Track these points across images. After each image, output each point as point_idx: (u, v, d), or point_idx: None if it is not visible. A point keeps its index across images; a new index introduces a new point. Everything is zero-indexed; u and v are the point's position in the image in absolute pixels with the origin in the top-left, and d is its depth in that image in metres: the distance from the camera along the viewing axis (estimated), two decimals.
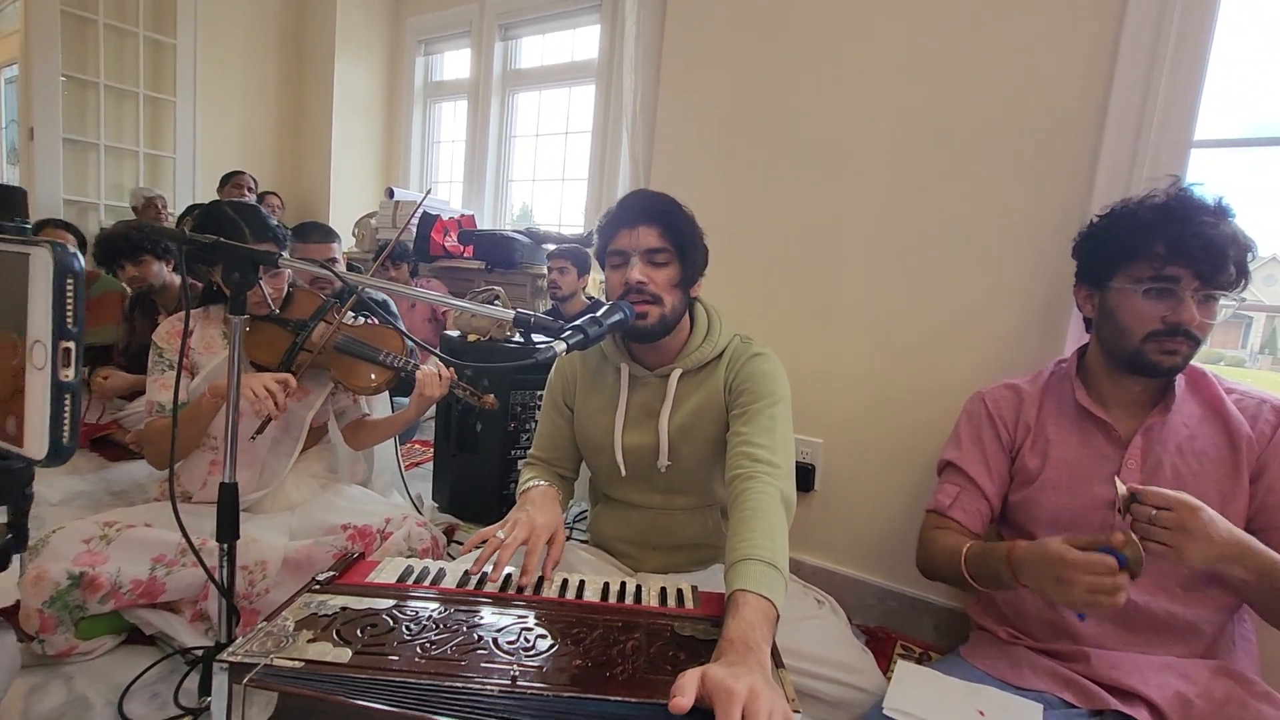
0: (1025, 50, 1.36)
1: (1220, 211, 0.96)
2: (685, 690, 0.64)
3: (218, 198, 3.66)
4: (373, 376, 1.46)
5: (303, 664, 0.70)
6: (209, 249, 0.87)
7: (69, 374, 0.31)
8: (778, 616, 0.81)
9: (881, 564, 1.59)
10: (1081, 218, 1.17)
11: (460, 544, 1.81)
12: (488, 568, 0.94)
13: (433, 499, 2.09)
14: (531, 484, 1.17)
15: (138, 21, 3.61)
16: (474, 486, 1.99)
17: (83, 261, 0.31)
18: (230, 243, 0.89)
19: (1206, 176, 1.31)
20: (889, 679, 0.99)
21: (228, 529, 0.95)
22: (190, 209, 3.05)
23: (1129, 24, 1.25)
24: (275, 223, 1.41)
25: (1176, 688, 0.90)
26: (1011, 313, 1.42)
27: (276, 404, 1.25)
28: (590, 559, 1.23)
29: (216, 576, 0.96)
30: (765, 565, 0.85)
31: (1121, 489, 0.87)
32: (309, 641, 0.75)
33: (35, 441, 0.31)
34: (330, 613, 0.82)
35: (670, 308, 1.10)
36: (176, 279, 2.44)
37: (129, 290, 2.44)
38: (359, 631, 0.78)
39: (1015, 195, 1.39)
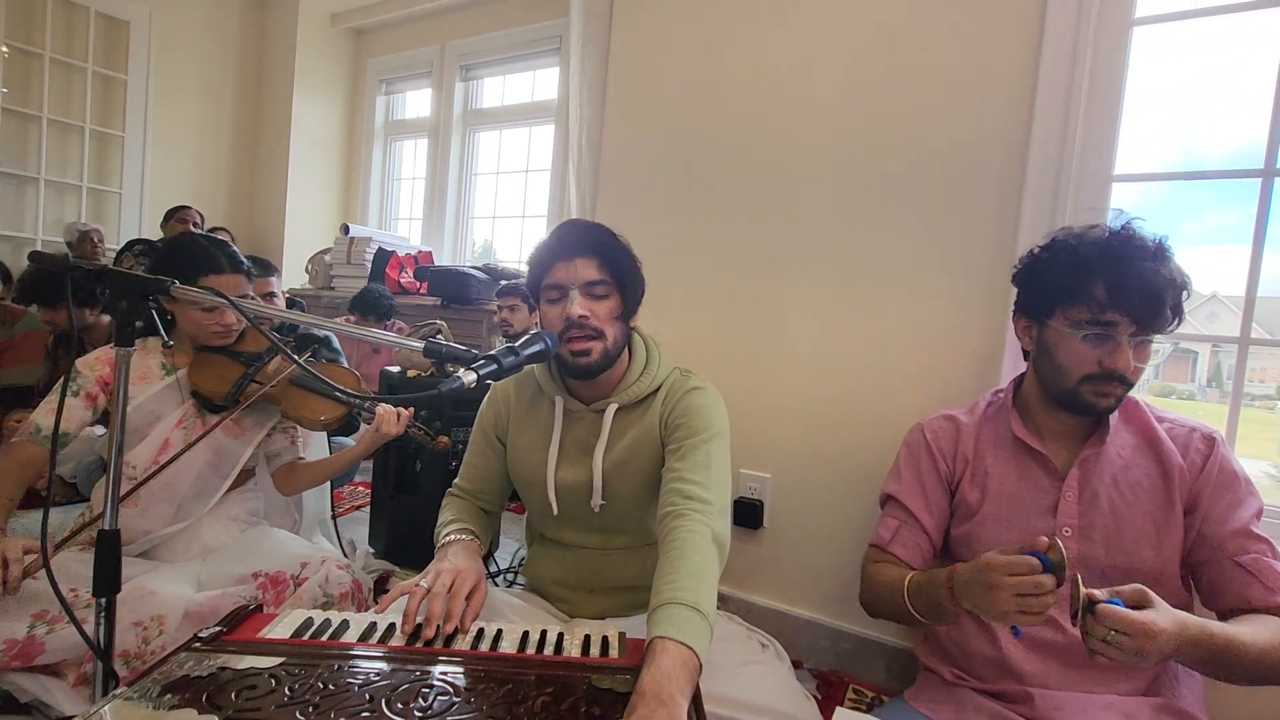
0: (951, 86, 1.40)
1: (1160, 254, 0.95)
2: None
3: (161, 233, 3.56)
4: (325, 413, 1.40)
5: None
6: (91, 276, 0.81)
7: None
8: (700, 666, 0.76)
9: (833, 603, 1.54)
10: (1010, 250, 1.18)
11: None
12: (403, 616, 0.87)
13: (369, 544, 1.98)
14: (451, 536, 1.10)
15: (86, 57, 3.55)
16: (412, 529, 1.89)
17: None
18: (118, 270, 0.83)
19: (1139, 209, 1.34)
20: None
21: (105, 582, 0.86)
22: (131, 243, 2.94)
23: (1045, 63, 1.29)
24: (243, 259, 1.37)
25: None
26: (949, 343, 1.42)
27: (4, 581, 1.05)
28: (519, 604, 1.16)
29: (90, 635, 0.87)
30: (688, 610, 0.80)
31: (1082, 594, 0.79)
32: (171, 708, 0.67)
33: None
34: (205, 674, 0.74)
35: (612, 341, 1.07)
36: (104, 319, 2.33)
37: (51, 329, 2.32)
38: (233, 695, 0.70)
39: (947, 228, 1.41)
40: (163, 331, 1.10)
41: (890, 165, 1.47)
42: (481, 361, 0.85)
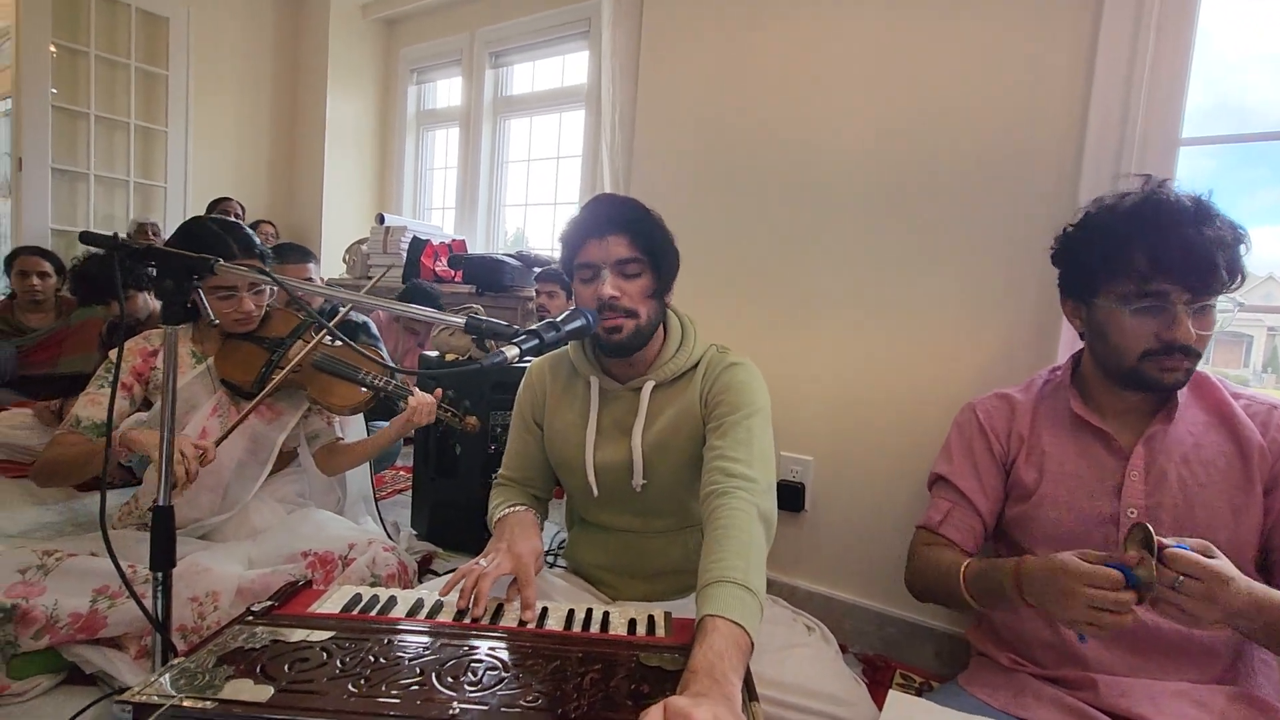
0: (1001, 51, 1.33)
1: (1201, 213, 0.88)
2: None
3: None
4: (352, 398, 1.41)
5: (214, 704, 0.63)
6: (137, 256, 0.82)
7: None
8: (751, 645, 0.74)
9: (879, 587, 1.51)
10: (1068, 215, 1.12)
11: (436, 573, 1.73)
12: (452, 596, 0.88)
13: (411, 526, 2.01)
14: (507, 510, 1.10)
15: (129, 53, 3.64)
16: (453, 512, 1.91)
17: None
18: (163, 249, 0.84)
19: (1200, 176, 1.26)
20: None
21: (161, 556, 0.88)
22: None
23: (1107, 20, 1.21)
24: (259, 241, 1.38)
25: (1191, 716, 0.82)
26: (1001, 320, 1.36)
27: (188, 471, 1.12)
28: (565, 586, 1.16)
29: (149, 608, 0.89)
30: (738, 588, 0.78)
31: (1154, 542, 0.75)
32: (228, 679, 0.68)
33: None
34: (258, 646, 0.75)
35: (646, 319, 1.05)
36: (155, 304, 2.40)
37: (108, 318, 2.40)
38: (286, 667, 0.71)
39: (997, 200, 1.35)
40: (209, 311, 1.11)
41: (934, 137, 1.41)
42: (523, 336, 0.84)
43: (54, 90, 3.44)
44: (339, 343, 1.51)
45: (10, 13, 3.41)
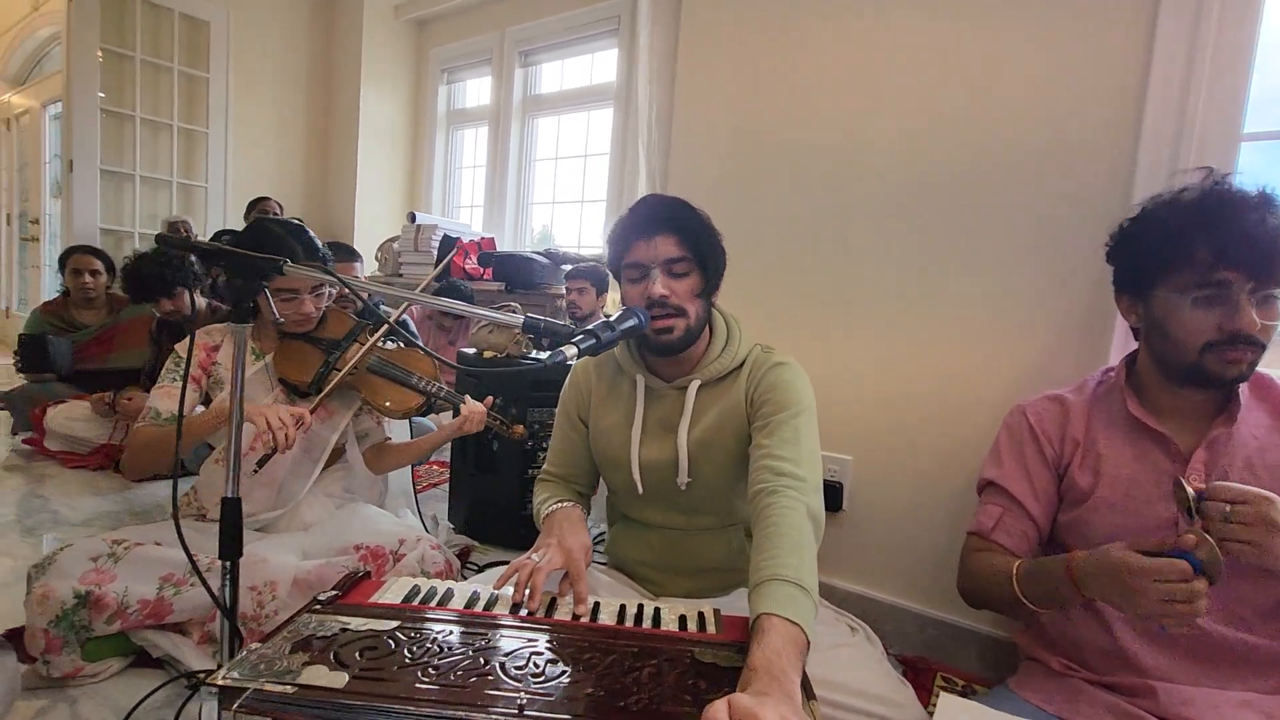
0: (1050, 44, 1.31)
1: (1266, 203, 0.87)
2: (720, 714, 0.58)
3: (245, 224, 3.75)
4: (405, 402, 1.45)
5: (295, 689, 0.66)
6: (210, 256, 0.85)
7: None
8: (807, 643, 0.75)
9: (919, 589, 1.50)
10: (1123, 213, 1.10)
11: (475, 565, 1.76)
12: (507, 589, 0.89)
13: (449, 519, 2.05)
14: (555, 505, 1.12)
15: (173, 57, 3.75)
16: (491, 507, 1.94)
17: None
18: (233, 249, 0.87)
19: (1261, 172, 1.23)
20: (930, 713, 0.91)
21: (230, 545, 0.91)
22: (219, 234, 3.11)
23: (1165, 7, 1.18)
24: (321, 245, 1.41)
25: None
26: (1050, 319, 1.34)
27: (287, 437, 1.20)
28: (609, 581, 1.17)
29: (218, 595, 0.93)
30: (792, 586, 0.78)
31: (1189, 490, 0.79)
32: (304, 665, 0.70)
33: None
34: (329, 634, 0.77)
35: (694, 319, 1.06)
36: (203, 302, 2.47)
37: (157, 314, 2.48)
38: (358, 654, 0.73)
39: (1046, 197, 1.32)
40: (274, 310, 1.15)
41: (980, 129, 1.39)
42: (580, 336, 0.86)
43: (101, 94, 3.56)
44: (393, 346, 1.55)
45: (61, 19, 3.53)
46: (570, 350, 0.82)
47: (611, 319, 0.94)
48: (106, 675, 1.17)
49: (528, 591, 0.91)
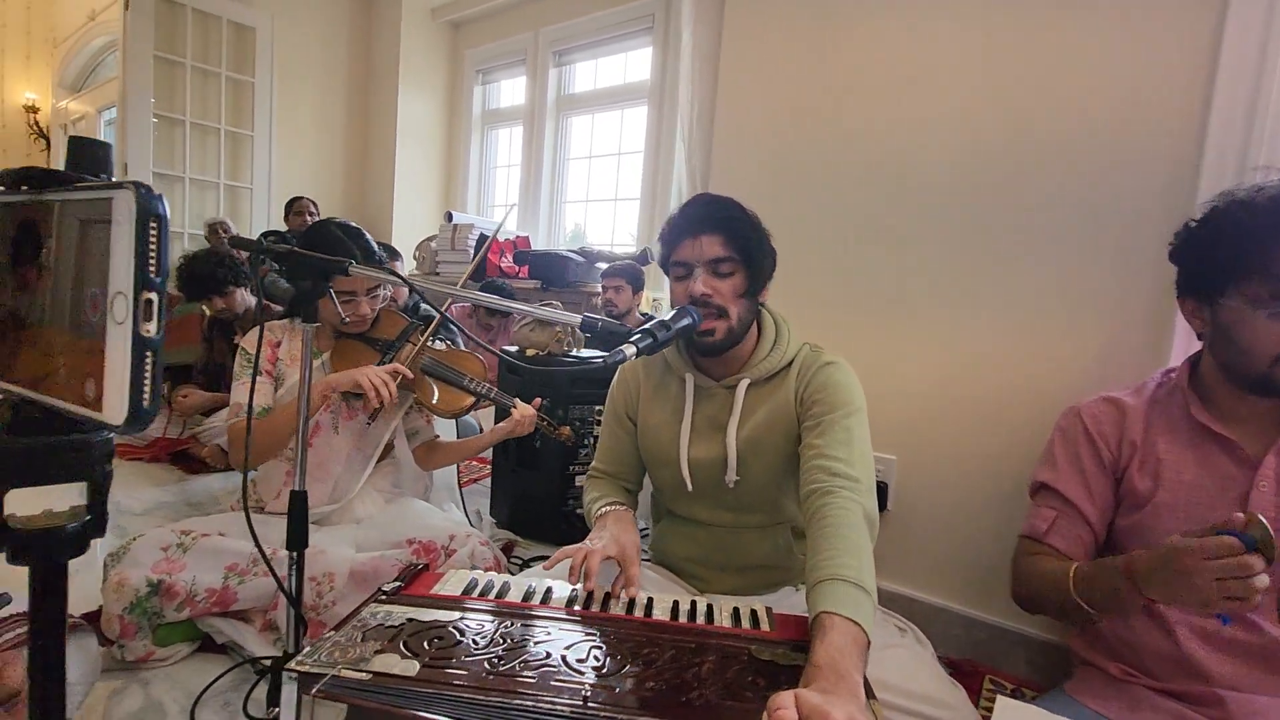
0: (1113, 31, 1.27)
1: None
2: (787, 703, 0.58)
3: (285, 223, 3.86)
4: (456, 403, 1.48)
5: (370, 676, 0.68)
6: (281, 257, 0.89)
7: (150, 329, 0.29)
8: (868, 643, 0.75)
9: (966, 591, 1.48)
10: (1187, 209, 1.07)
11: (519, 560, 1.79)
12: (562, 584, 0.91)
13: (491, 514, 2.09)
14: (607, 507, 1.14)
15: (220, 63, 3.87)
16: (533, 502, 1.97)
17: (167, 206, 0.30)
18: (300, 251, 0.90)
19: None
20: (982, 716, 0.90)
21: (298, 537, 0.95)
22: (265, 234, 3.20)
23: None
24: (377, 248, 1.46)
25: None
26: (1107, 319, 1.31)
27: (390, 393, 1.29)
28: (656, 578, 1.18)
29: (285, 585, 0.96)
30: (852, 586, 0.79)
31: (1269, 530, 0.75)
32: (376, 653, 0.73)
33: (114, 405, 0.29)
34: (397, 624, 0.80)
35: (737, 319, 1.06)
36: (252, 301, 2.55)
37: (209, 312, 2.57)
38: (425, 644, 0.76)
39: (1107, 188, 1.29)
40: (338, 306, 1.19)
41: (1036, 120, 1.35)
42: (638, 335, 0.87)
43: (153, 99, 3.69)
44: (443, 346, 1.59)
45: (116, 28, 3.66)
46: (629, 350, 0.84)
47: (667, 319, 0.95)
48: (176, 660, 1.23)
49: (583, 574, 0.92)
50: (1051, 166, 1.35)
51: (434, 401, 1.48)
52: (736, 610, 0.92)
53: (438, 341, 1.60)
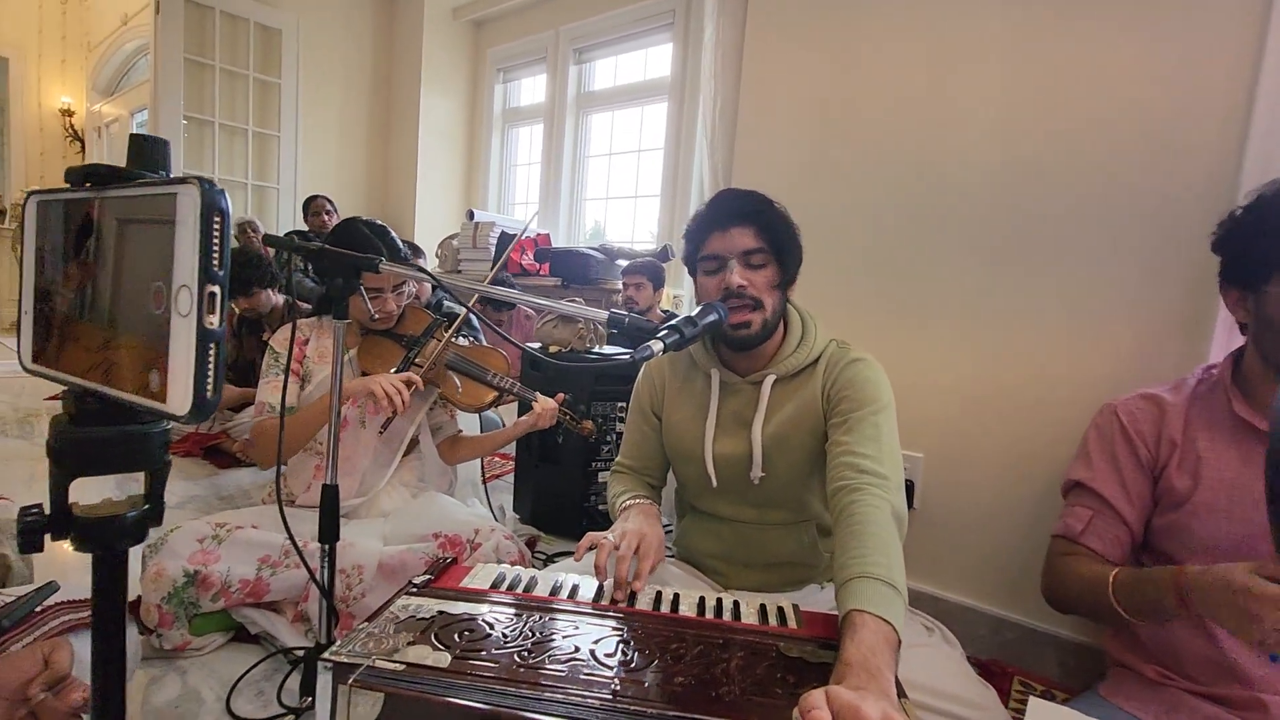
0: (1150, 23, 1.24)
1: None
2: (820, 703, 0.58)
3: (305, 223, 3.92)
4: (480, 397, 1.50)
5: (404, 666, 0.69)
6: (313, 255, 0.90)
7: (214, 321, 0.30)
8: (899, 642, 0.74)
9: (994, 590, 1.46)
10: (1228, 202, 1.04)
11: (542, 555, 1.81)
12: (588, 580, 0.92)
13: (514, 510, 2.10)
14: (631, 500, 1.14)
15: (248, 65, 3.93)
16: (555, 498, 1.98)
17: (229, 201, 0.30)
18: (333, 249, 0.92)
19: None
20: (1013, 717, 0.89)
21: (329, 530, 0.96)
22: (289, 234, 3.26)
23: None
24: (402, 245, 1.49)
25: None
26: (1144, 314, 1.28)
27: (403, 401, 1.29)
28: (680, 573, 1.19)
29: (318, 577, 0.98)
30: (883, 584, 0.78)
31: None
32: (408, 644, 0.74)
33: (178, 396, 0.30)
34: (428, 616, 0.81)
35: (771, 311, 1.06)
36: (279, 299, 2.60)
37: (237, 310, 2.62)
38: (456, 636, 0.77)
39: (1145, 177, 1.26)
40: (367, 304, 1.21)
41: (1073, 108, 1.32)
42: (664, 331, 0.87)
43: (182, 101, 3.77)
44: (467, 342, 1.61)
45: (148, 32, 3.75)
46: (656, 345, 0.84)
47: (694, 314, 0.95)
48: (211, 649, 1.26)
49: (601, 567, 0.93)
50: (1086, 162, 1.32)
51: (458, 395, 1.50)
52: (763, 607, 0.92)
53: (461, 338, 1.62)
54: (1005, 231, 1.42)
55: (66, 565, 1.53)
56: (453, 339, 1.52)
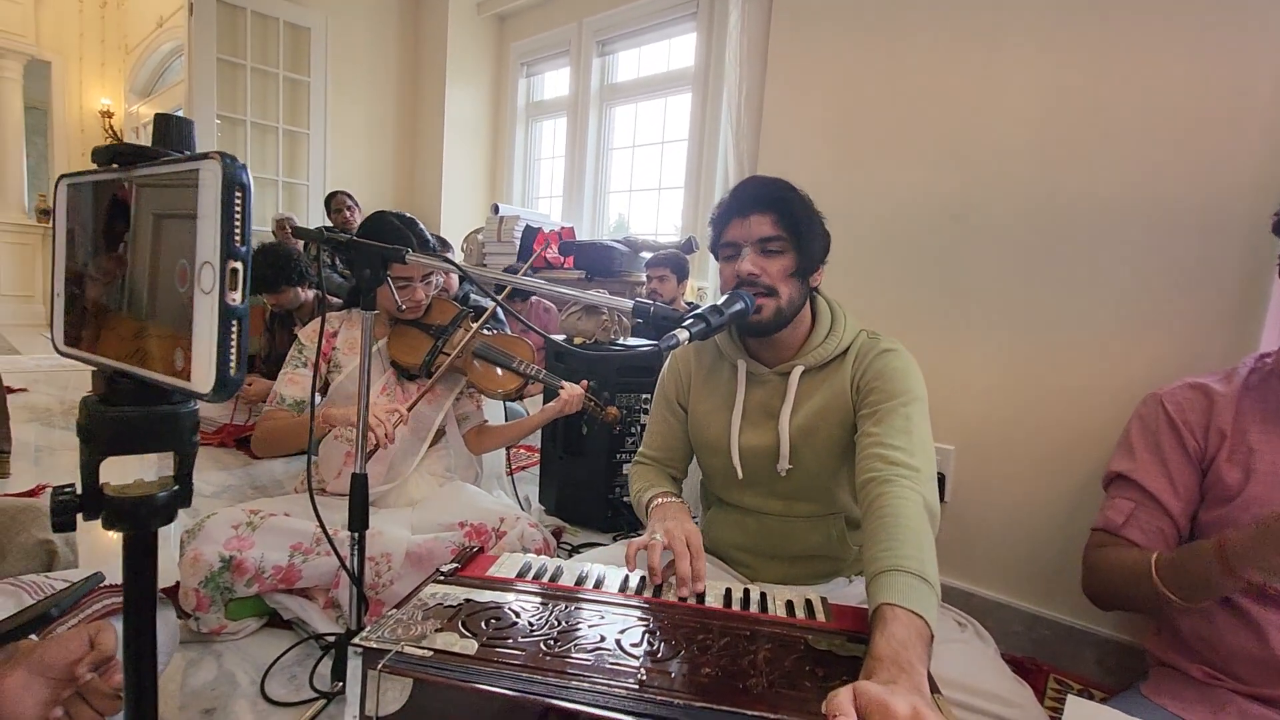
0: (1197, 30, 1.19)
1: None
2: (845, 709, 0.56)
3: (329, 219, 3.98)
4: (508, 384, 1.51)
5: (432, 653, 0.70)
6: (343, 247, 0.91)
7: (236, 298, 0.30)
8: (932, 636, 0.72)
9: (1029, 586, 1.42)
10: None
11: (568, 546, 1.82)
12: (613, 569, 0.91)
13: (539, 501, 2.12)
14: (661, 499, 1.11)
15: (278, 63, 4.00)
16: (580, 489, 1.99)
17: (250, 176, 0.30)
18: (361, 240, 0.92)
19: None
20: (1050, 716, 0.86)
21: (359, 519, 0.98)
22: (319, 229, 3.31)
23: None
24: (430, 236, 1.50)
25: None
26: (1191, 300, 1.22)
27: (386, 434, 1.25)
28: (706, 565, 1.17)
29: (348, 564, 0.99)
30: (914, 577, 0.76)
31: None
32: (436, 631, 0.74)
33: (202, 373, 0.30)
34: (455, 604, 0.82)
35: (787, 300, 1.03)
36: (308, 295, 2.64)
37: (268, 306, 2.67)
38: (483, 624, 0.77)
39: (1194, 160, 1.20)
40: (395, 295, 1.22)
41: (1116, 90, 1.27)
42: (690, 320, 0.86)
43: (216, 100, 3.85)
44: (494, 331, 1.62)
45: (182, 34, 3.83)
46: (682, 335, 0.83)
47: (720, 303, 0.94)
48: (246, 633, 1.29)
49: (650, 567, 0.92)
50: (1130, 150, 1.27)
51: (487, 384, 1.52)
52: (790, 600, 0.90)
53: (487, 329, 1.63)
54: (1043, 221, 1.37)
55: (109, 553, 1.58)
56: (480, 329, 1.54)
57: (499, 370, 1.52)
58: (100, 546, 1.62)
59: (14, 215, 5.92)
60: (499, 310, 2.42)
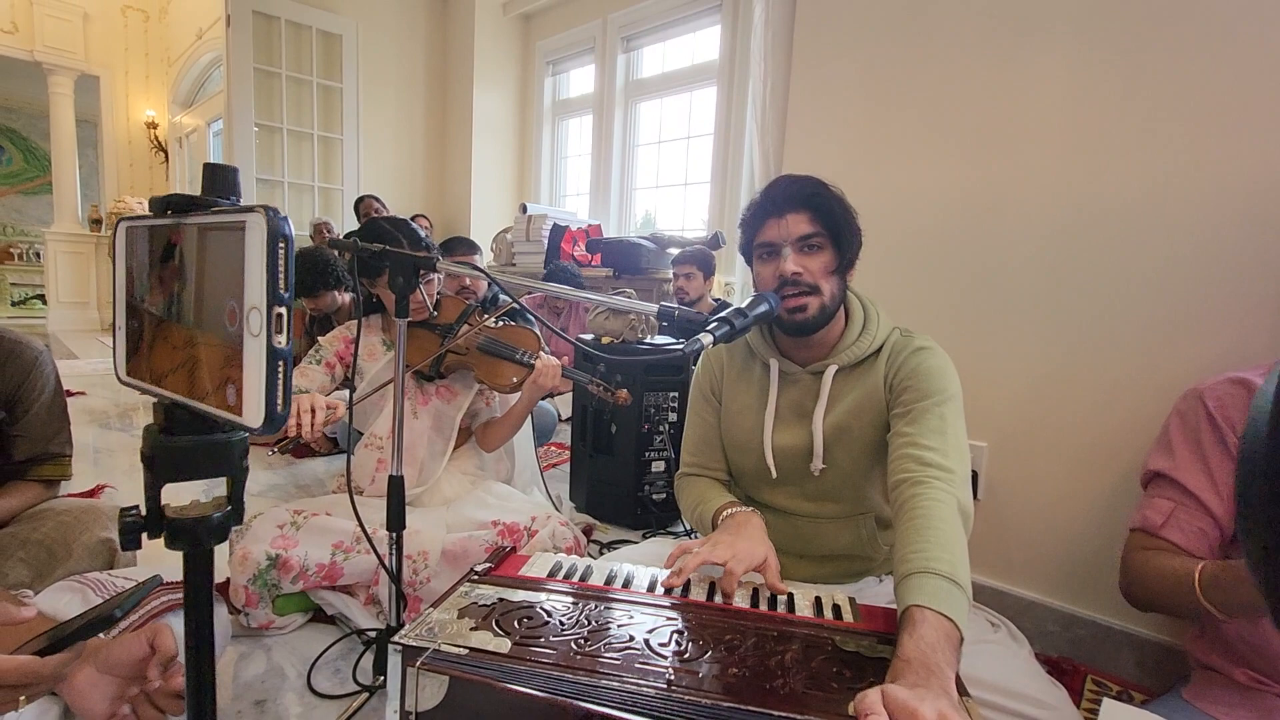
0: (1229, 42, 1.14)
1: None
2: (875, 708, 0.57)
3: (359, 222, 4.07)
4: (513, 376, 1.53)
5: (468, 651, 0.72)
6: (376, 256, 0.94)
7: (281, 340, 0.32)
8: (961, 639, 0.72)
9: (1065, 586, 1.40)
10: None
11: (598, 543, 1.84)
12: (641, 569, 0.93)
13: (570, 499, 2.15)
14: (733, 509, 1.07)
15: (312, 71, 4.10)
16: (610, 487, 2.02)
17: (292, 227, 0.32)
18: (396, 250, 0.96)
19: None
20: (1085, 718, 0.85)
21: (396, 518, 1.01)
22: (349, 235, 3.40)
23: None
24: (424, 235, 1.53)
25: None
26: (1233, 293, 1.18)
27: (310, 424, 1.23)
28: None
29: (387, 563, 1.03)
30: (944, 580, 0.76)
31: None
32: (471, 629, 0.77)
33: (253, 409, 0.33)
34: (489, 603, 0.84)
35: (829, 296, 1.03)
36: (346, 298, 2.72)
37: (307, 310, 2.76)
38: (516, 623, 0.79)
39: (1236, 147, 1.16)
40: (425, 300, 1.25)
41: (1156, 75, 1.23)
42: (714, 324, 0.87)
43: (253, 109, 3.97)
44: (499, 324, 1.64)
45: (220, 45, 3.96)
46: (706, 339, 0.83)
47: (744, 305, 0.95)
48: (292, 628, 1.35)
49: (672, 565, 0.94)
50: (1172, 144, 1.23)
51: (493, 377, 1.54)
52: (819, 600, 0.91)
53: (498, 322, 1.65)
54: (1078, 214, 1.34)
55: (165, 550, 1.66)
56: (484, 323, 1.56)
57: (503, 362, 1.54)
58: (156, 543, 1.70)
59: (70, 226, 6.20)
60: (530, 315, 2.45)
